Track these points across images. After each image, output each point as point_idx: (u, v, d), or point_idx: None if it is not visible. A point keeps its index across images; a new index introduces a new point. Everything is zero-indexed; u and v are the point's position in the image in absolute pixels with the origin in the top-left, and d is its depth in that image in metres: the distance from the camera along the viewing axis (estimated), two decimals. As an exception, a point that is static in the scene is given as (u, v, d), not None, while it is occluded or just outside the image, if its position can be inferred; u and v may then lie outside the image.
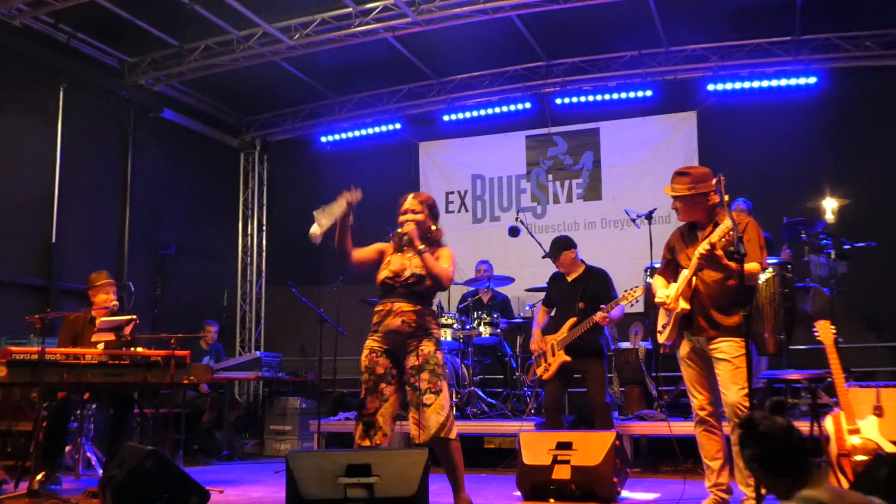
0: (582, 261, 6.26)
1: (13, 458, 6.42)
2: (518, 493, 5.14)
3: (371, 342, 4.44)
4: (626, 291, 5.74)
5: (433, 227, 4.59)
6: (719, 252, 3.98)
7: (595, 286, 6.07)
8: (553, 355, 6.04)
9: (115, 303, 6.18)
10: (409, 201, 4.60)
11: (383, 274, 4.47)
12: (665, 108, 9.17)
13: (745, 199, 6.78)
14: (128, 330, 5.84)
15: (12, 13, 7.50)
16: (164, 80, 9.31)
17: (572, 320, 5.97)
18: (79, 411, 6.48)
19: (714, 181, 4.10)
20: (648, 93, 9.06)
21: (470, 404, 7.24)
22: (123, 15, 7.93)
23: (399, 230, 4.52)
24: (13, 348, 5.30)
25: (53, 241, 8.08)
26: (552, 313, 6.36)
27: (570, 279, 6.21)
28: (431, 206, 4.64)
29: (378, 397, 4.32)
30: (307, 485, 3.54)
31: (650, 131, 9.25)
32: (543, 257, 6.54)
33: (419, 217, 4.52)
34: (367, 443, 4.25)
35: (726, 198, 3.89)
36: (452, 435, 4.31)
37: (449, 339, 7.55)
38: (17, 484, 5.62)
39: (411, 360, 4.36)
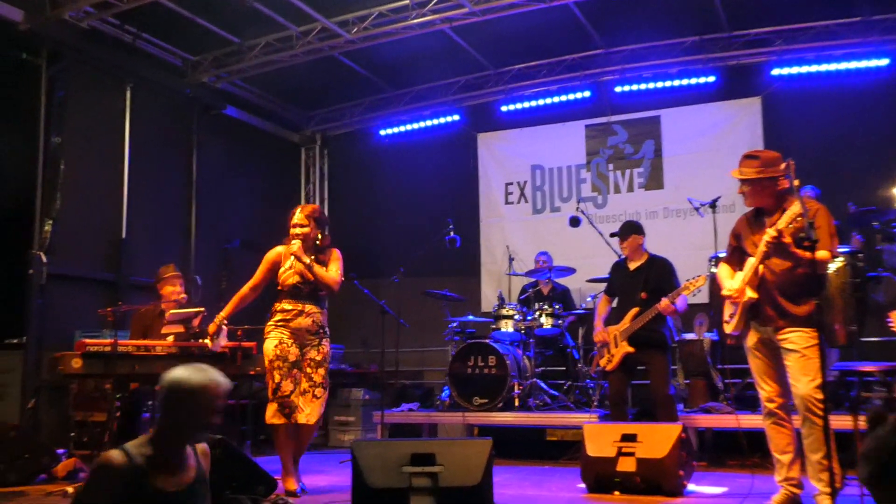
0: (646, 250, 6.19)
1: (89, 447, 6.62)
2: (582, 486, 5.12)
3: (279, 334, 5.10)
4: (688, 281, 5.64)
5: (320, 236, 5.22)
6: (787, 239, 3.88)
7: (657, 275, 5.98)
8: (616, 346, 5.98)
9: (184, 296, 6.34)
10: (297, 216, 5.22)
11: (293, 279, 5.16)
12: (728, 93, 8.95)
13: (812, 187, 6.60)
14: (196, 322, 5.98)
15: (80, 15, 7.70)
16: (226, 78, 9.47)
17: (635, 310, 5.89)
18: (151, 402, 6.67)
19: (783, 166, 4.00)
20: (711, 79, 8.86)
21: (532, 396, 7.22)
22: (185, 14, 8.08)
23: (287, 248, 5.18)
24: (87, 340, 5.48)
25: (123, 236, 8.30)
26: (614, 303, 6.29)
27: (632, 268, 6.14)
28: (318, 217, 5.26)
29: (293, 381, 5.03)
30: (372, 473, 3.58)
31: (713, 118, 9.06)
32: (612, 235, 6.45)
33: (306, 230, 5.16)
34: (282, 420, 4.99)
35: (796, 183, 3.79)
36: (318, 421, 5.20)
37: (510, 330, 7.55)
38: (93, 472, 5.80)
39: (313, 354, 5.14)
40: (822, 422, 3.67)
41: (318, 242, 5.22)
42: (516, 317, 7.55)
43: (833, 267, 5.26)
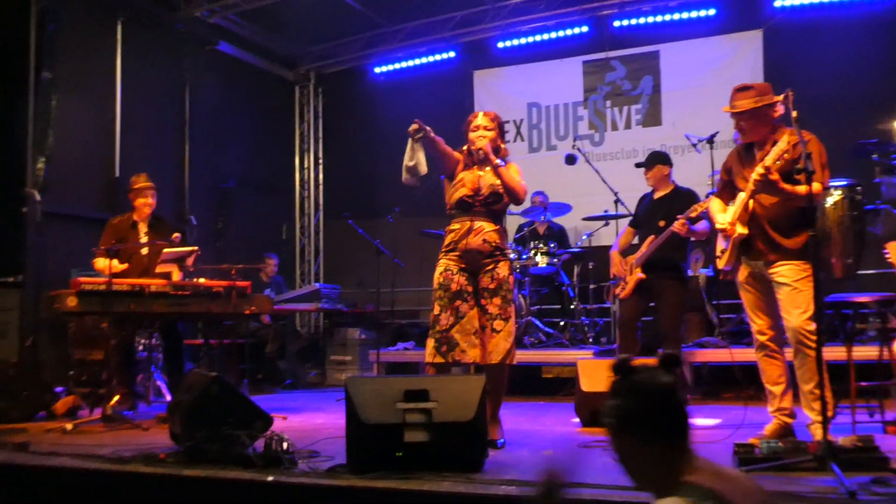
0: (673, 181, 6.02)
1: (88, 385, 6.67)
2: (576, 420, 5.16)
3: (447, 261, 4.41)
4: (697, 203, 5.50)
5: (501, 146, 4.56)
6: (775, 176, 3.83)
7: (681, 204, 5.71)
8: (630, 274, 5.86)
9: (178, 235, 6.19)
10: (481, 118, 4.54)
11: (461, 192, 4.43)
12: (729, 27, 8.78)
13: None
14: (190, 261, 5.95)
15: (68, -53, 7.52)
16: (219, 12, 9.27)
17: (651, 237, 5.73)
18: (146, 341, 6.70)
19: (782, 97, 3.92)
20: (711, 11, 8.68)
21: (528, 334, 7.26)
22: (176, -54, 7.90)
23: (472, 146, 4.47)
24: (82, 279, 5.46)
25: (117, 175, 8.23)
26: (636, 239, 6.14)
27: (655, 198, 5.99)
28: (500, 124, 4.61)
29: (453, 314, 4.29)
30: (366, 410, 3.58)
31: (713, 52, 8.90)
32: (637, 165, 6.20)
33: (491, 134, 4.49)
34: (439, 360, 4.26)
35: (794, 114, 3.72)
36: (513, 360, 4.39)
37: (506, 268, 7.53)
38: (92, 410, 5.86)
39: (486, 282, 4.37)
40: (815, 353, 3.67)
41: (499, 153, 4.52)
42: (512, 255, 7.53)
43: (831, 200, 5.22)
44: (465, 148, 4.53)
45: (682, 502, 1.68)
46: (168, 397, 6.54)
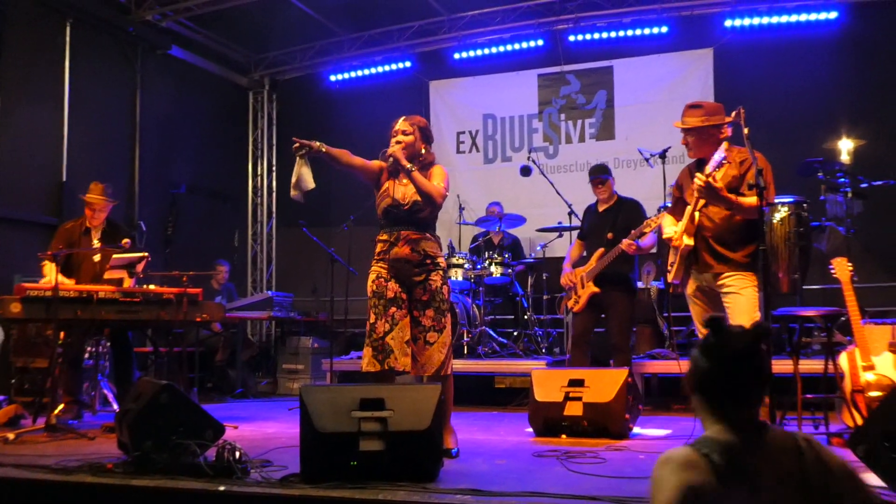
0: (616, 192, 6.14)
1: (30, 394, 6.50)
2: (530, 430, 5.18)
3: (377, 268, 4.34)
4: (648, 219, 5.61)
5: (424, 150, 4.42)
6: (719, 184, 3.92)
7: (626, 216, 5.88)
8: (583, 287, 5.93)
9: (127, 241, 6.10)
10: (400, 123, 4.40)
11: (386, 202, 4.36)
12: (681, 45, 8.97)
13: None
14: (140, 267, 5.84)
15: (16, -54, 7.36)
16: (172, 16, 9.16)
17: (600, 251, 5.84)
18: (93, 349, 6.55)
19: (733, 114, 4.02)
20: (664, 29, 8.86)
21: (481, 344, 7.27)
22: (129, -52, 7.78)
23: (386, 151, 4.35)
24: (26, 285, 5.32)
25: (64, 179, 8.06)
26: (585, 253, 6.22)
27: (601, 210, 6.11)
28: (423, 128, 4.46)
29: (388, 321, 4.23)
30: (321, 418, 3.54)
31: (665, 69, 9.08)
32: (592, 177, 6.21)
33: (409, 139, 4.35)
34: (376, 367, 4.20)
35: (746, 131, 3.80)
36: (449, 371, 4.33)
37: (460, 278, 7.55)
38: (35, 419, 5.70)
39: (419, 293, 4.30)
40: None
41: (420, 157, 4.38)
42: (466, 265, 7.55)
43: (778, 216, 5.35)
44: (385, 153, 4.42)
45: (688, 450, 1.80)
46: (115, 406, 6.40)
